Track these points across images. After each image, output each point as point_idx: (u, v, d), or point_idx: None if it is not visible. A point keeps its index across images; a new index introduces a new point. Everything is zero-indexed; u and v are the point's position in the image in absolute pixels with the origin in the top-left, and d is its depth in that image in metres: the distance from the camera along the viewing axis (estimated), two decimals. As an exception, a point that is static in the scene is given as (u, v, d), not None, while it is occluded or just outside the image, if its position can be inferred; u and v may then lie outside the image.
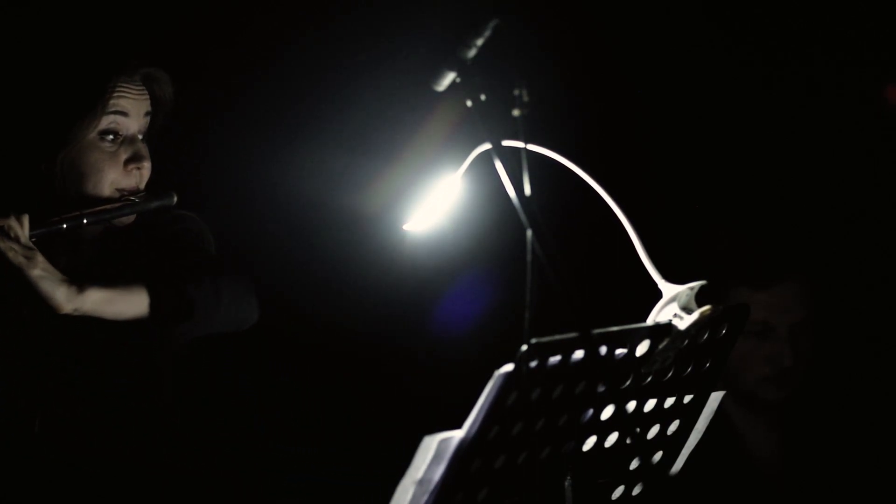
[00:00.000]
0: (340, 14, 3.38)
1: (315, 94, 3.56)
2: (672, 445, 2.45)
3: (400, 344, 3.74)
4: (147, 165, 2.80)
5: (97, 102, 2.74)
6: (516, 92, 2.12)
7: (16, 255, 2.56)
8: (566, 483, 2.32)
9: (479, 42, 2.17)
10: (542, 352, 2.12)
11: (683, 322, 2.28)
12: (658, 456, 2.44)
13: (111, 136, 2.77)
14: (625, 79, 3.73)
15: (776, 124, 3.80)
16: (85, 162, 2.75)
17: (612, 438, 2.34)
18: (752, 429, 3.53)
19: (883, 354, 3.72)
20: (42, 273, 2.57)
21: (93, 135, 2.75)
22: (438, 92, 2.23)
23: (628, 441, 2.35)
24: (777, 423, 3.54)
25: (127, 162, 2.78)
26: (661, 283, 2.35)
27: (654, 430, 2.40)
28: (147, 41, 3.28)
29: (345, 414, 3.72)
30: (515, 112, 2.12)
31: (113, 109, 2.75)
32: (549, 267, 2.07)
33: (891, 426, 3.58)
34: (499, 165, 2.14)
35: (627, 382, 2.28)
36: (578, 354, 2.17)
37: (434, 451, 2.13)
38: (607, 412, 2.29)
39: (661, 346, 2.28)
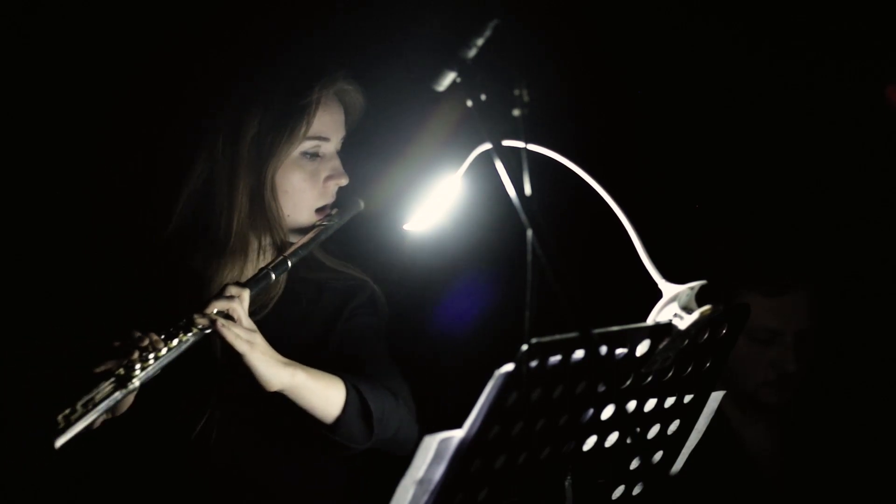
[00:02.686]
0: (340, 14, 3.38)
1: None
2: (672, 445, 2.45)
3: (400, 344, 3.73)
4: (346, 180, 2.85)
5: (302, 121, 2.77)
6: (516, 92, 2.12)
7: (241, 343, 2.60)
8: (566, 483, 2.32)
9: (480, 42, 2.17)
10: (542, 352, 2.12)
11: (684, 322, 2.28)
12: (658, 456, 2.44)
13: (311, 155, 2.80)
14: (625, 79, 3.73)
15: (776, 125, 3.80)
16: (288, 181, 2.78)
17: (613, 438, 2.34)
18: (750, 429, 3.53)
19: (882, 358, 3.72)
20: (261, 356, 2.62)
21: (296, 154, 2.78)
22: (438, 92, 2.23)
23: (628, 441, 2.35)
24: (775, 424, 3.54)
25: (327, 179, 2.83)
26: (662, 283, 2.35)
27: (654, 430, 2.40)
28: (154, 41, 3.29)
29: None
30: (515, 112, 2.12)
31: (315, 134, 2.79)
32: (549, 267, 2.07)
33: (889, 427, 3.59)
34: (499, 165, 2.14)
35: (628, 382, 2.28)
36: (578, 354, 2.17)
37: (434, 451, 2.13)
38: (607, 412, 2.29)
39: (661, 346, 2.28)
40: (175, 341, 2.57)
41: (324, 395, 2.67)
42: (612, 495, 2.42)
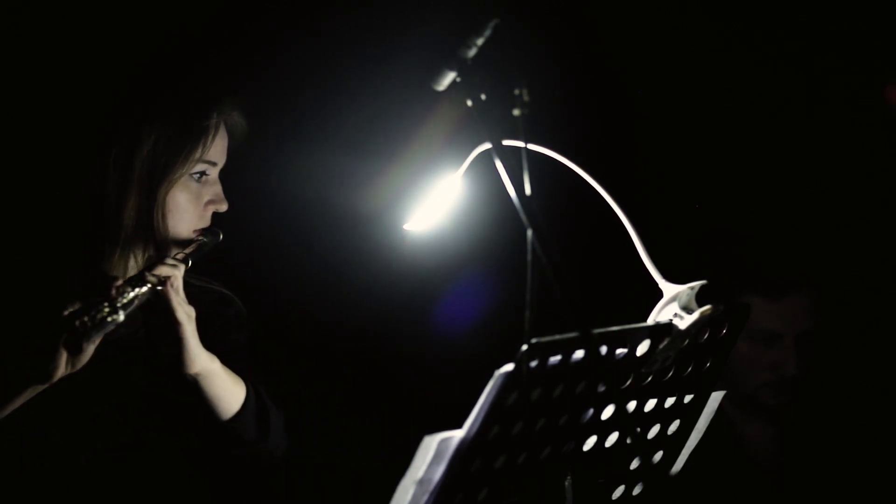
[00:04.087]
0: (340, 14, 3.38)
1: (315, 94, 3.56)
2: (672, 445, 2.44)
3: (400, 344, 3.73)
4: (225, 206, 2.83)
5: (199, 144, 2.75)
6: (516, 92, 2.12)
7: (182, 312, 2.61)
8: (566, 483, 2.32)
9: (480, 41, 2.17)
10: (542, 352, 2.12)
11: (684, 322, 2.28)
12: (658, 456, 2.44)
13: (198, 177, 2.79)
14: (625, 79, 3.73)
15: (776, 125, 3.80)
16: (174, 200, 2.76)
17: (613, 438, 2.34)
18: (750, 430, 3.53)
19: (882, 358, 3.72)
20: (194, 332, 2.62)
21: (185, 176, 2.77)
22: (438, 92, 2.23)
23: (629, 441, 2.35)
24: (775, 425, 3.54)
25: (208, 203, 2.81)
26: (662, 283, 2.35)
27: (654, 430, 2.40)
28: (154, 42, 3.29)
29: (345, 414, 3.72)
30: (515, 112, 2.12)
31: (207, 159, 2.78)
32: (549, 267, 2.07)
33: (889, 427, 3.59)
34: (499, 165, 2.14)
35: (628, 382, 2.28)
36: (579, 354, 2.17)
37: (434, 451, 2.13)
38: (608, 412, 2.29)
39: (661, 346, 2.28)
40: (137, 289, 2.57)
41: (230, 389, 2.68)
42: (612, 495, 2.42)
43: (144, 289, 2.59)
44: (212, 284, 2.93)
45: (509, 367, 2.10)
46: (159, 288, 2.60)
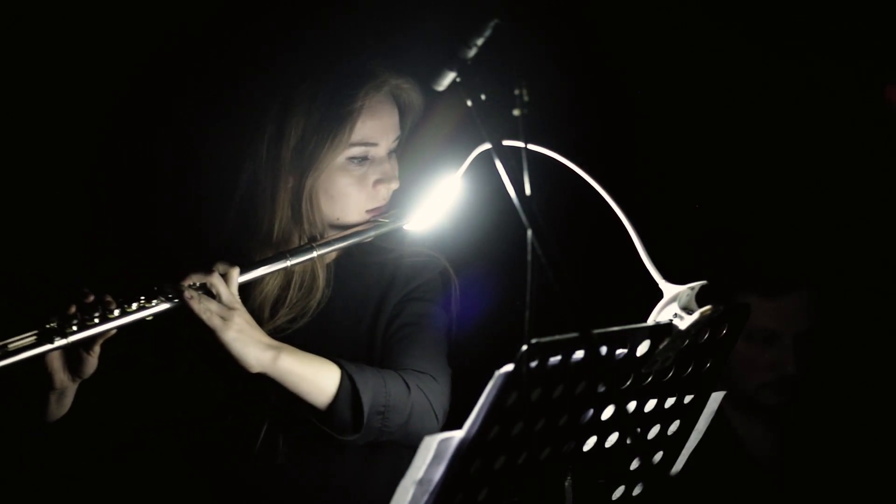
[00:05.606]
0: (340, 14, 3.38)
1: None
2: (672, 445, 2.44)
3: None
4: (396, 184, 2.80)
5: (345, 129, 2.73)
6: (516, 92, 2.12)
7: (212, 317, 2.54)
8: (566, 483, 2.32)
9: (480, 42, 2.17)
10: (542, 352, 2.12)
11: (684, 322, 2.28)
12: (658, 456, 2.44)
13: (359, 160, 2.77)
14: (625, 79, 3.73)
15: (776, 125, 3.80)
16: (333, 186, 2.75)
17: (613, 438, 2.34)
18: (750, 430, 3.53)
19: (882, 358, 3.72)
20: (236, 335, 2.55)
21: (342, 159, 2.75)
22: (438, 92, 2.23)
23: (629, 441, 2.35)
24: (775, 425, 3.54)
25: (376, 183, 2.79)
26: (662, 283, 2.35)
27: (654, 431, 2.39)
28: (153, 40, 3.29)
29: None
30: (515, 112, 2.12)
31: (361, 140, 2.75)
32: (549, 267, 2.07)
33: (889, 427, 3.59)
34: (499, 165, 2.14)
35: (628, 382, 2.28)
36: (579, 354, 2.17)
37: (434, 451, 2.13)
38: (608, 412, 2.29)
39: (661, 346, 2.28)
40: (134, 306, 2.50)
41: (313, 382, 2.58)
42: (612, 496, 2.42)
43: (150, 307, 2.52)
44: (417, 248, 2.84)
45: (509, 367, 2.10)
46: (175, 301, 2.53)
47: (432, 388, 2.71)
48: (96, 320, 2.47)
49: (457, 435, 2.15)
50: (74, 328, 2.45)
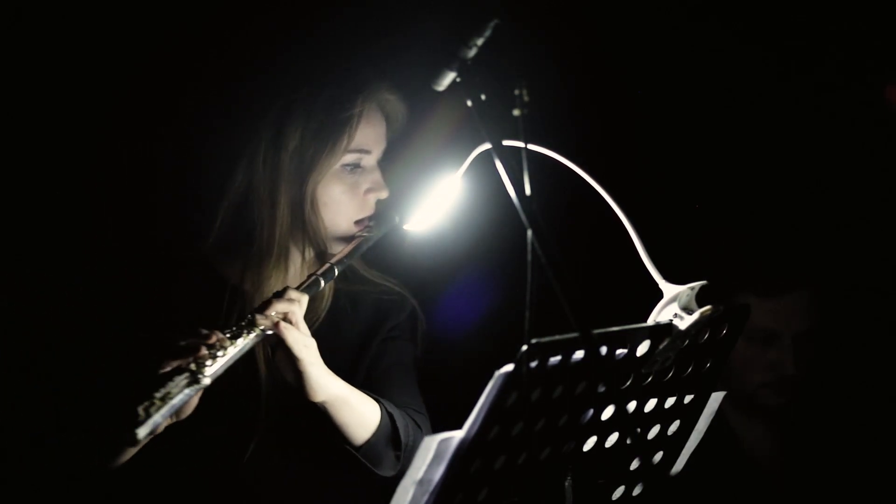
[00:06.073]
0: (340, 14, 3.38)
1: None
2: (672, 446, 2.44)
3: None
4: (386, 193, 2.83)
5: (344, 134, 2.75)
6: (516, 92, 2.12)
7: (300, 348, 2.58)
8: (566, 483, 2.32)
9: (480, 42, 2.17)
10: (542, 352, 2.12)
11: (684, 322, 2.28)
12: (658, 456, 2.44)
13: (351, 168, 2.78)
14: (625, 79, 3.73)
15: (776, 125, 3.80)
16: (328, 193, 2.76)
17: (613, 438, 2.34)
18: (749, 430, 3.53)
19: (882, 358, 3.72)
20: (317, 363, 2.60)
21: (337, 166, 2.76)
22: (438, 92, 2.23)
23: (629, 441, 2.35)
24: (775, 425, 3.54)
25: (367, 192, 2.80)
26: (662, 284, 2.35)
27: (654, 431, 2.40)
28: (157, 42, 3.29)
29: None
30: (515, 112, 2.12)
31: (357, 147, 2.77)
32: (549, 267, 2.07)
33: (889, 427, 3.59)
34: (499, 165, 2.14)
35: (628, 382, 2.28)
36: (579, 354, 2.17)
37: (434, 451, 2.13)
38: (608, 412, 2.29)
39: (661, 347, 2.28)
40: (239, 341, 2.53)
41: (359, 415, 2.66)
42: (612, 496, 2.42)
43: (251, 337, 2.54)
44: (388, 282, 2.90)
45: (509, 367, 2.10)
46: (269, 333, 2.56)
47: (427, 426, 2.83)
48: (219, 356, 2.50)
49: (457, 435, 2.15)
50: (208, 367, 2.48)
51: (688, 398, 2.40)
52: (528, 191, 2.11)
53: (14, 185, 3.30)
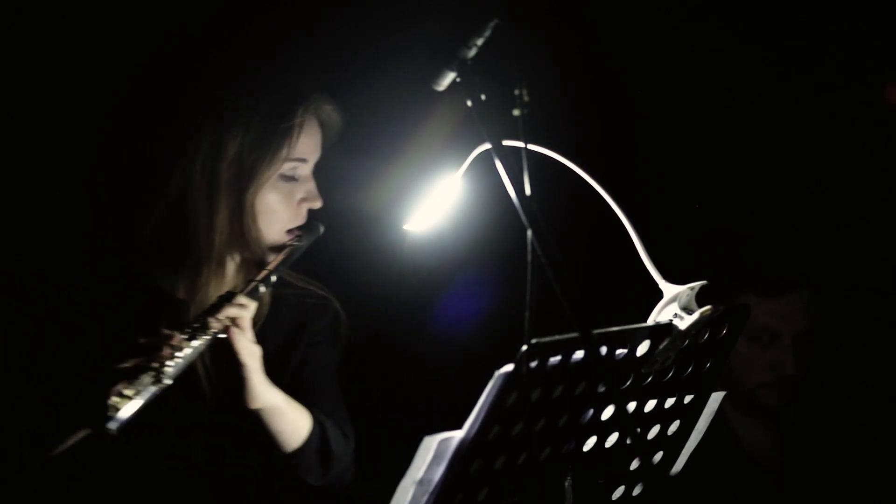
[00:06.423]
0: (340, 14, 3.38)
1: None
2: (672, 446, 2.45)
3: (400, 344, 3.73)
4: (320, 203, 2.82)
5: (284, 144, 2.74)
6: (516, 92, 2.12)
7: (247, 354, 2.59)
8: (566, 483, 2.32)
9: (480, 42, 2.17)
10: (542, 352, 2.12)
11: (684, 322, 2.28)
12: (658, 456, 2.44)
13: (288, 178, 2.77)
14: (625, 79, 3.73)
15: (776, 125, 3.80)
16: (263, 202, 2.75)
17: (613, 439, 2.34)
18: (749, 430, 3.54)
19: (882, 358, 3.72)
20: (260, 370, 2.61)
21: (274, 176, 2.75)
22: (438, 92, 2.23)
23: (629, 441, 2.35)
24: (775, 425, 3.54)
25: (301, 201, 2.80)
26: (662, 284, 2.35)
27: (654, 431, 2.40)
28: (155, 42, 3.30)
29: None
30: (515, 112, 2.12)
31: (295, 157, 2.76)
32: (549, 267, 2.07)
33: (889, 427, 3.59)
34: (499, 165, 2.14)
35: (628, 383, 2.28)
36: (578, 354, 2.17)
37: (434, 451, 2.13)
38: (607, 412, 2.29)
39: (661, 347, 2.28)
40: (194, 342, 2.54)
41: (293, 424, 2.67)
42: (612, 496, 2.42)
43: (205, 339, 2.55)
44: (311, 286, 2.90)
45: (509, 367, 2.10)
46: (222, 336, 2.58)
47: (352, 435, 2.83)
48: (179, 356, 2.51)
49: (457, 435, 2.15)
50: (169, 367, 2.49)
51: (688, 398, 2.40)
52: (528, 191, 2.11)
53: (14, 185, 3.30)
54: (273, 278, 2.72)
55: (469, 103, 2.17)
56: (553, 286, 2.06)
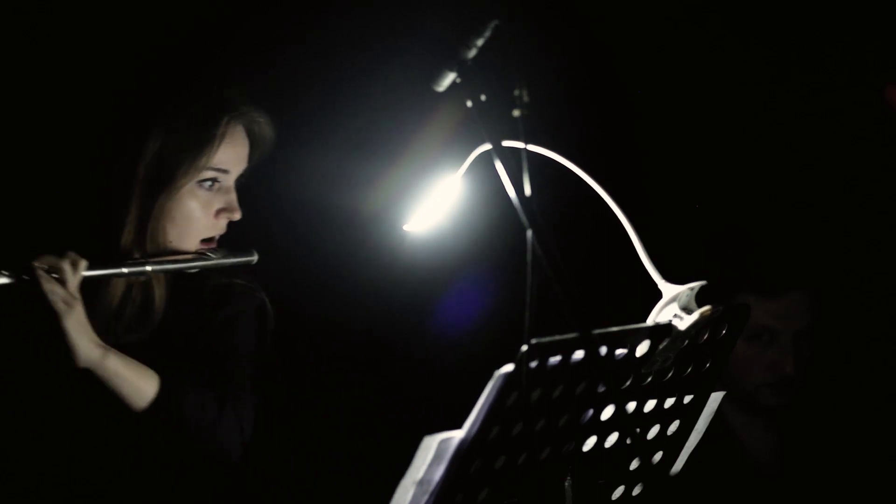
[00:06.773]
0: (340, 14, 3.38)
1: (315, 94, 3.56)
2: (672, 446, 2.45)
3: (400, 344, 3.73)
4: (238, 215, 2.80)
5: (203, 153, 2.73)
6: (516, 92, 2.12)
7: (56, 301, 2.57)
8: (566, 483, 2.32)
9: (480, 42, 2.17)
10: (542, 352, 2.12)
11: (683, 322, 2.28)
12: (658, 456, 2.44)
13: (209, 184, 2.76)
14: (625, 79, 3.73)
15: (776, 125, 3.80)
16: (178, 208, 2.74)
17: (613, 439, 2.34)
18: (749, 430, 3.53)
19: (882, 358, 3.72)
20: (75, 324, 2.58)
21: (191, 183, 2.75)
22: (438, 92, 2.23)
23: (628, 441, 2.35)
24: (774, 425, 3.54)
25: (219, 212, 2.78)
26: (662, 284, 2.35)
27: (654, 431, 2.40)
28: (156, 45, 3.29)
29: (345, 414, 3.72)
30: (515, 112, 2.12)
31: (215, 166, 2.75)
32: (549, 267, 2.07)
33: (889, 427, 3.59)
34: (499, 166, 2.14)
35: (627, 383, 2.28)
36: (578, 355, 2.17)
37: (434, 451, 2.13)
38: (607, 412, 2.29)
39: (661, 347, 2.28)
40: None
41: (134, 386, 2.62)
42: (611, 496, 2.42)
43: (6, 277, 2.55)
44: (238, 279, 2.85)
45: (509, 367, 2.10)
46: (25, 278, 2.55)
47: (243, 412, 2.74)
48: None
49: (457, 435, 2.15)
50: None
51: (687, 398, 2.40)
52: (527, 191, 2.11)
53: (14, 185, 3.30)
54: (148, 268, 2.69)
55: (469, 104, 2.17)
56: (553, 286, 2.06)
